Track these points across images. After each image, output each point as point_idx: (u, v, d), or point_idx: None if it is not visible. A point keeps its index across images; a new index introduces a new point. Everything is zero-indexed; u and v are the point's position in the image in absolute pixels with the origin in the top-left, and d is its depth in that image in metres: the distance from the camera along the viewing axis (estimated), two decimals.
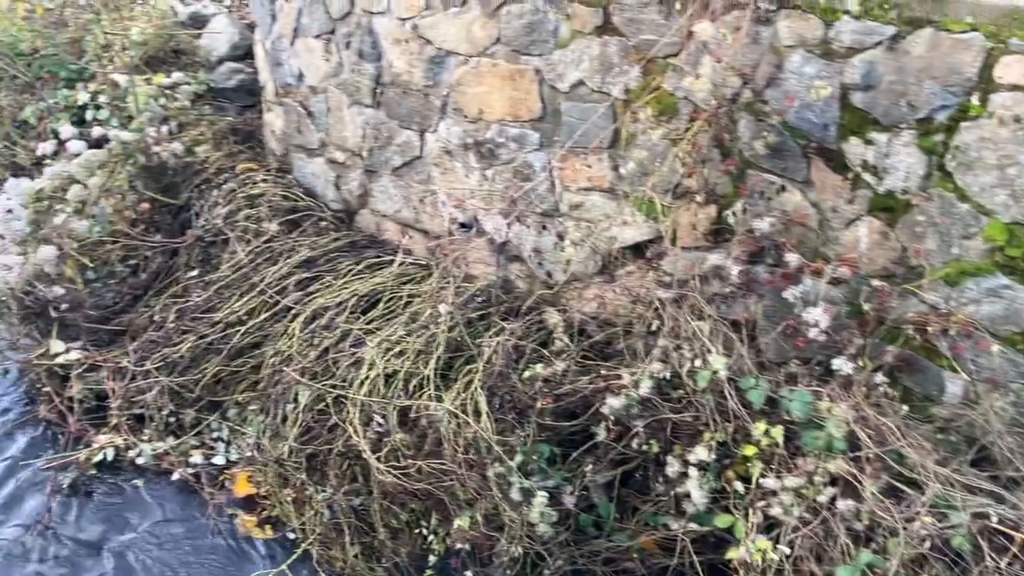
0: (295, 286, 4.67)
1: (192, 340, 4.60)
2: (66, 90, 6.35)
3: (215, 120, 5.97)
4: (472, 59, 4.27)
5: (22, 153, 6.31)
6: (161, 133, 5.53)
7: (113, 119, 5.91)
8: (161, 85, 6.02)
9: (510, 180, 4.32)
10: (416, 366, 3.83)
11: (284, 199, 5.27)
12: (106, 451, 4.39)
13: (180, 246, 5.18)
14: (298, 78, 5.22)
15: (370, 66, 4.72)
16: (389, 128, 4.80)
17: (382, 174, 4.96)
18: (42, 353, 4.79)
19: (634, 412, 3.47)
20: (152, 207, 5.30)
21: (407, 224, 4.95)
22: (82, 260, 5.01)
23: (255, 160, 5.66)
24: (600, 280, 4.13)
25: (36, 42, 6.70)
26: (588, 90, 3.93)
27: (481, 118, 4.35)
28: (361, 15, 4.63)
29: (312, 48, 4.99)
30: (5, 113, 6.61)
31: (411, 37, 4.45)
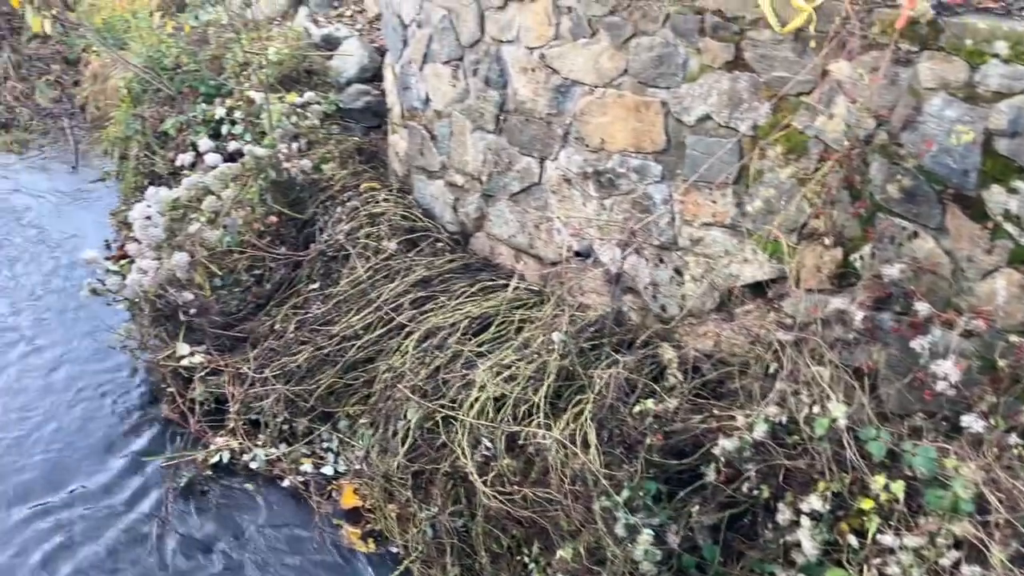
0: (410, 304, 4.77)
1: (309, 351, 4.75)
2: (205, 104, 6.68)
3: (342, 139, 6.17)
4: (598, 89, 4.29)
5: (161, 162, 6.66)
6: (291, 150, 5.75)
7: (247, 134, 6.18)
8: (293, 104, 6.26)
9: (629, 211, 4.30)
10: (526, 392, 3.84)
11: (404, 219, 5.39)
12: (222, 453, 4.56)
13: (303, 259, 5.35)
14: (424, 102, 5.35)
15: (495, 93, 4.80)
16: (510, 154, 4.86)
17: (500, 199, 5.02)
18: (168, 355, 5.02)
19: (746, 455, 3.39)
20: (279, 220, 5.50)
21: (522, 249, 4.99)
22: (211, 268, 5.24)
23: (378, 180, 5.82)
24: (717, 317, 4.06)
25: (180, 58, 7.07)
26: (715, 125, 3.89)
27: (603, 148, 4.36)
28: (490, 43, 4.72)
29: (440, 74, 5.11)
30: (148, 124, 7.00)
31: (538, 66, 4.51)
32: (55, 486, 4.57)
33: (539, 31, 4.43)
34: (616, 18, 4.10)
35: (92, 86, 8.58)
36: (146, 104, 7.17)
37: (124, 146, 7.30)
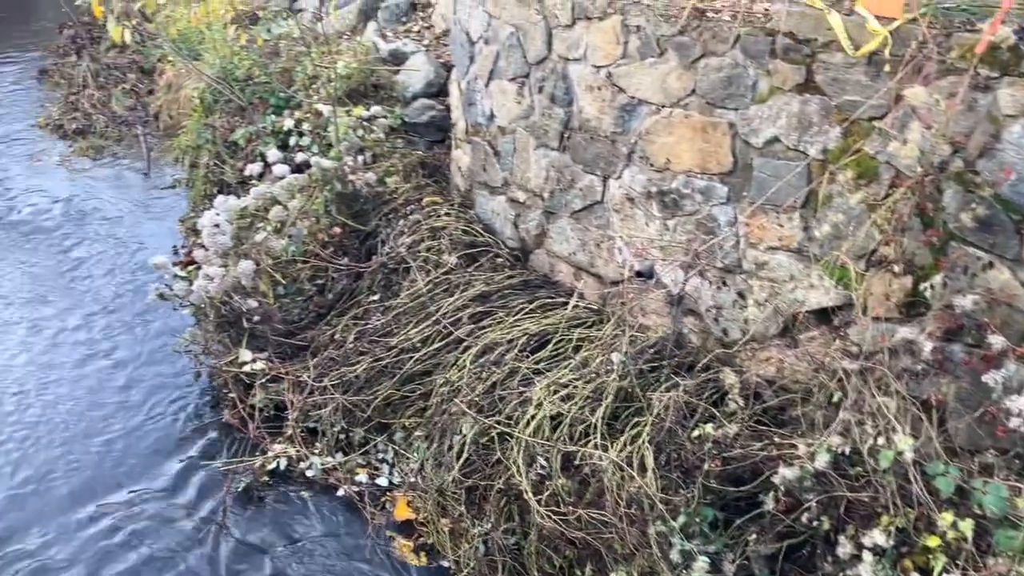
0: (469, 319, 4.79)
1: (368, 362, 4.80)
2: (274, 116, 6.81)
3: (406, 153, 6.24)
4: (664, 109, 4.27)
5: (230, 171, 6.81)
6: (357, 163, 5.84)
7: (314, 146, 6.28)
8: (360, 117, 6.35)
9: (692, 232, 4.27)
10: (583, 412, 3.82)
11: (464, 233, 5.42)
12: (280, 460, 4.62)
13: (365, 270, 5.41)
14: (489, 118, 5.38)
15: (560, 110, 4.81)
16: (573, 172, 4.86)
17: (561, 216, 5.02)
18: (231, 360, 5.11)
19: (807, 485, 3.32)
20: (343, 231, 5.58)
21: (582, 267, 4.97)
22: (275, 276, 5.33)
23: (440, 194, 5.86)
24: (780, 343, 3.99)
25: (252, 70, 7.23)
26: (783, 147, 3.84)
27: (668, 168, 4.33)
28: (557, 61, 4.73)
29: (506, 90, 5.14)
30: (218, 133, 7.16)
31: (604, 84, 4.50)
32: (116, 486, 4.68)
33: (607, 50, 4.43)
34: (685, 38, 4.08)
35: (166, 95, 8.83)
36: (217, 114, 7.33)
37: (195, 154, 7.48)
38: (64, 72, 9.90)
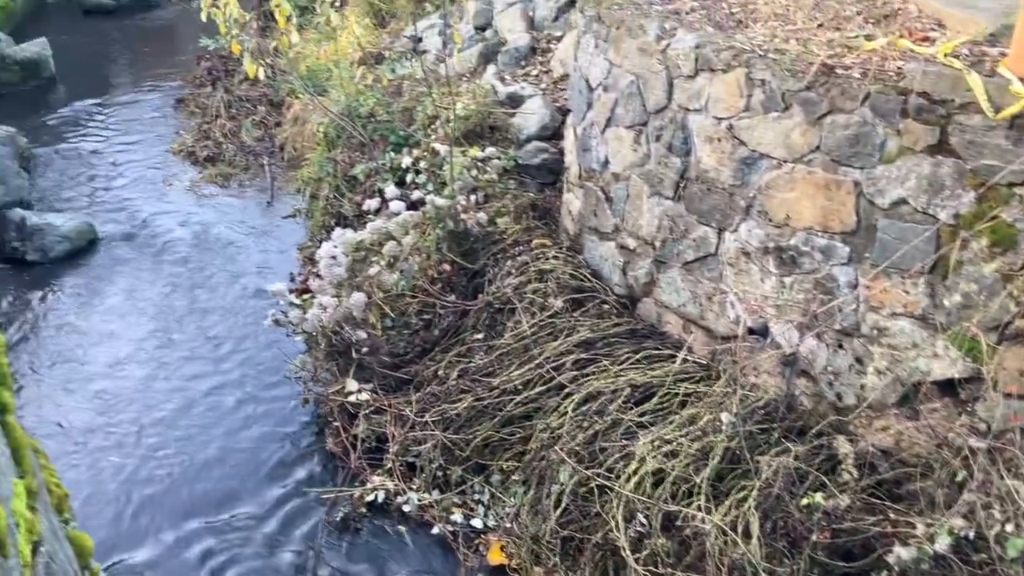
0: (572, 365, 4.75)
1: (469, 400, 4.81)
2: (393, 153, 6.99)
3: (518, 195, 6.28)
4: (786, 164, 4.18)
5: (348, 205, 7.00)
6: (469, 202, 5.91)
7: (429, 184, 6.40)
8: (475, 157, 6.44)
9: (810, 291, 4.14)
10: (687, 471, 3.72)
11: (571, 277, 5.41)
12: (378, 493, 4.66)
13: (471, 308, 5.45)
14: (603, 164, 5.38)
15: (677, 160, 4.76)
16: (687, 222, 4.79)
17: (672, 266, 4.95)
18: (338, 389, 5.21)
19: (924, 568, 3.15)
20: (452, 269, 5.65)
21: (691, 320, 4.88)
22: (385, 309, 5.43)
23: (549, 237, 5.88)
24: (899, 413, 3.81)
25: (375, 108, 7.44)
26: (911, 210, 3.70)
27: (787, 224, 4.22)
28: (677, 111, 4.70)
29: (622, 137, 5.13)
30: (339, 167, 7.39)
31: (725, 136, 4.44)
32: (219, 506, 4.81)
33: (729, 102, 4.37)
34: (811, 94, 4.00)
35: (292, 128, 9.17)
36: (339, 149, 7.57)
37: (316, 186, 7.73)
38: (199, 102, 10.41)
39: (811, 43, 4.36)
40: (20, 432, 1.66)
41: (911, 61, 3.86)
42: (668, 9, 5.12)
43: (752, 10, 4.96)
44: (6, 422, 1.64)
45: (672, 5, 5.20)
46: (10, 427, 1.64)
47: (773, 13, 4.85)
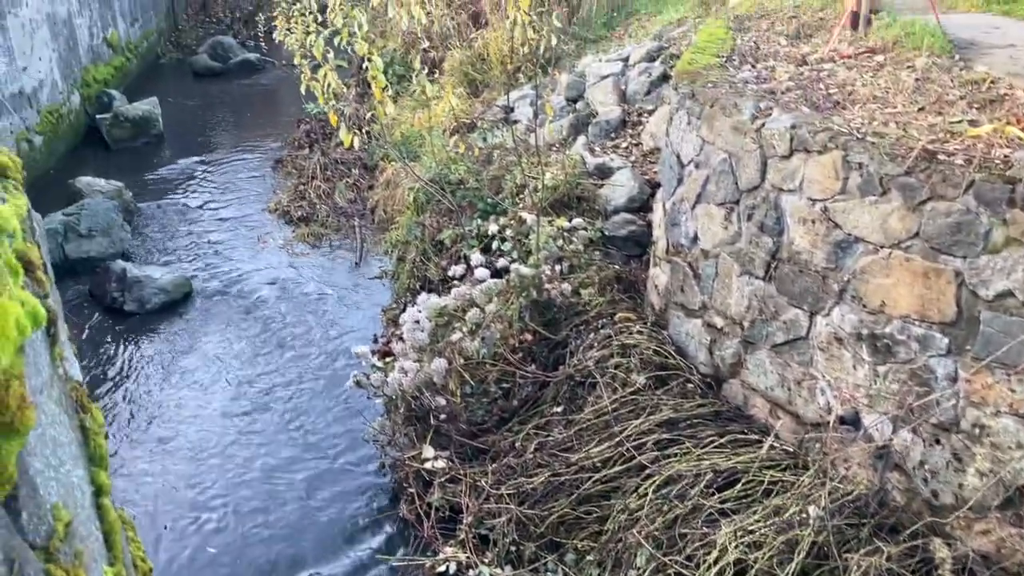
0: (653, 445, 4.65)
1: (546, 475, 4.73)
2: (480, 220, 7.07)
3: (603, 267, 6.26)
4: (883, 249, 4.06)
5: (433, 269, 7.09)
6: (554, 272, 5.92)
7: (514, 252, 6.44)
8: (561, 227, 6.47)
9: (905, 382, 3.97)
10: (771, 564, 3.56)
11: (655, 354, 5.32)
12: (450, 564, 4.59)
13: (551, 380, 5.41)
14: (692, 240, 5.32)
15: (769, 240, 4.68)
16: (777, 303, 4.68)
17: (760, 347, 4.83)
18: (414, 455, 5.20)
19: None
20: (533, 338, 5.63)
21: (778, 404, 4.73)
22: (465, 376, 5.43)
23: (633, 310, 5.82)
24: (1001, 516, 3.59)
25: (464, 175, 7.57)
26: (1017, 303, 3.53)
27: (882, 311, 4.08)
28: (770, 190, 4.63)
29: (713, 214, 5.08)
30: (427, 232, 7.51)
31: (819, 218, 4.35)
32: (294, 567, 4.81)
33: (824, 184, 4.29)
34: (911, 179, 3.89)
35: (383, 191, 9.39)
36: (428, 213, 7.70)
37: (403, 249, 7.86)
38: (296, 163, 10.77)
39: (911, 127, 4.26)
40: (113, 515, 1.68)
41: (1019, 149, 3.73)
42: (763, 89, 5.10)
43: (850, 92, 4.89)
44: (102, 504, 1.67)
45: (767, 85, 5.18)
46: (105, 510, 1.67)
47: (872, 95, 4.77)
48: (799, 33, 6.29)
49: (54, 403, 1.43)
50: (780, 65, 5.54)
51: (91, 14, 13.68)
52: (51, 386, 1.45)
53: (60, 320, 1.67)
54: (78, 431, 1.54)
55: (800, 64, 5.54)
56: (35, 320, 1.31)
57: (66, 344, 1.66)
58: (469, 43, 11.36)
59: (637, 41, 9.69)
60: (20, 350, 1.27)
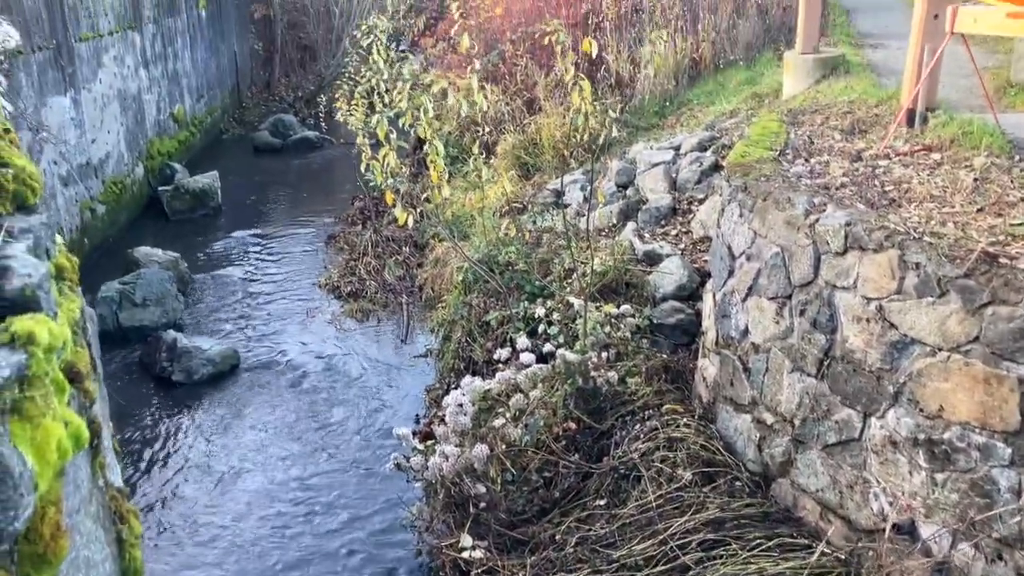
0: (698, 545, 4.49)
1: (587, 571, 4.59)
2: (527, 303, 7.06)
3: (650, 355, 6.18)
4: (940, 352, 3.94)
5: (479, 350, 7.06)
6: (601, 359, 5.84)
7: (561, 336, 6.39)
8: (609, 314, 6.42)
9: (965, 492, 3.80)
10: None
11: (703, 449, 5.19)
12: None
13: (594, 471, 5.29)
14: (742, 333, 5.24)
15: (822, 337, 4.58)
16: (829, 402, 4.56)
17: (811, 447, 4.69)
18: (451, 543, 5.09)
19: None
20: (578, 427, 5.54)
21: (829, 507, 4.56)
22: (506, 463, 5.34)
23: (681, 402, 5.71)
24: None
25: (513, 257, 7.60)
26: None
27: (940, 416, 3.94)
28: (823, 286, 4.55)
29: (764, 308, 5.00)
30: (473, 312, 7.51)
31: (874, 317, 4.25)
32: None
33: (880, 283, 4.21)
34: (970, 282, 3.79)
35: (432, 269, 9.47)
36: (475, 294, 7.72)
37: (449, 328, 7.87)
38: (349, 239, 10.95)
39: (970, 228, 4.18)
40: None
41: None
42: (817, 184, 5.07)
43: (906, 190, 4.84)
44: None
45: (821, 180, 5.15)
46: None
47: (929, 194, 4.71)
48: (854, 128, 6.27)
49: (91, 520, 1.42)
50: (834, 160, 5.52)
51: (160, 90, 14.25)
52: (89, 502, 1.44)
53: (105, 428, 1.67)
54: (114, 544, 1.53)
55: (855, 160, 5.50)
56: (78, 442, 1.32)
57: (108, 450, 1.66)
58: (523, 128, 11.56)
59: (689, 130, 9.76)
60: (60, 473, 1.26)
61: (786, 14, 12.62)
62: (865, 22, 12.84)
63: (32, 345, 1.27)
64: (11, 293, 1.36)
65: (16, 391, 1.22)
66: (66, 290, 1.58)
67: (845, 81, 8.20)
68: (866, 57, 9.77)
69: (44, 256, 1.51)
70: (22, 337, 1.27)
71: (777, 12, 12.80)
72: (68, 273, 1.64)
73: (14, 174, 1.58)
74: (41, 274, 1.39)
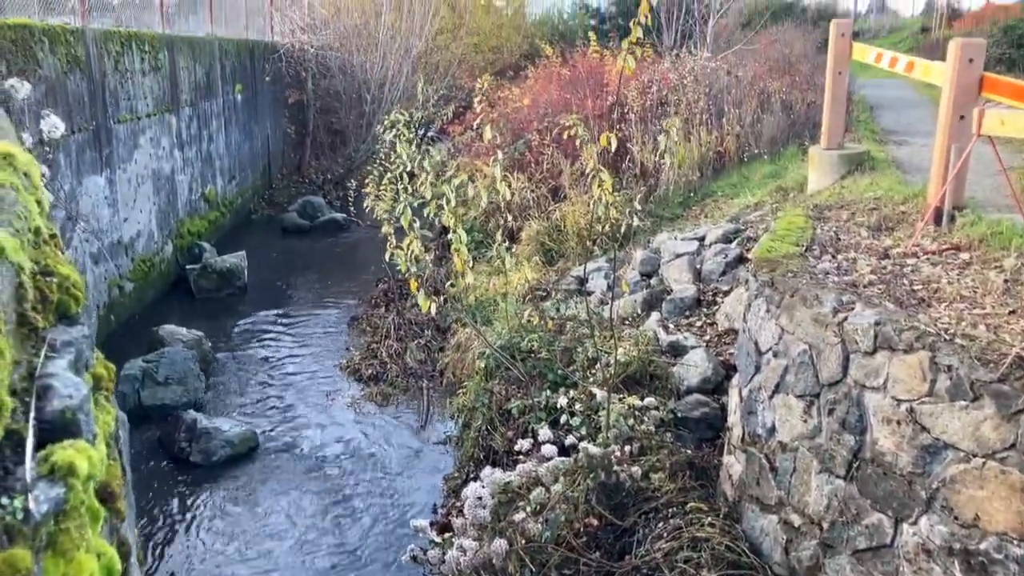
0: None
1: None
2: (549, 392, 6.99)
3: (674, 450, 6.07)
4: (975, 459, 3.83)
5: (499, 439, 6.97)
6: (624, 453, 5.75)
7: (583, 428, 6.31)
8: (632, 406, 6.34)
9: None
10: None
11: (728, 550, 5.04)
12: None
13: (616, 570, 5.14)
14: (769, 431, 5.14)
15: (851, 437, 4.48)
16: (859, 505, 4.43)
17: (840, 552, 4.54)
18: None
19: None
20: (599, 523, 5.41)
21: None
22: (525, 559, 5.20)
23: (705, 500, 5.57)
24: None
25: (536, 345, 7.57)
26: None
27: (976, 525, 3.81)
28: (852, 386, 4.48)
29: (791, 406, 4.92)
30: (494, 400, 7.44)
31: (905, 420, 4.16)
32: None
33: (910, 384, 4.13)
34: (1005, 387, 3.72)
35: (454, 354, 9.43)
36: (497, 380, 7.66)
37: (469, 415, 7.79)
38: (372, 321, 10.97)
39: (1003, 331, 4.12)
40: None
41: None
42: (844, 281, 5.04)
43: (935, 289, 4.79)
44: None
45: (849, 277, 5.12)
46: None
47: (959, 294, 4.66)
48: (880, 225, 6.26)
49: None
50: (861, 257, 5.50)
51: (193, 171, 14.58)
52: None
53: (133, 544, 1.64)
54: None
55: (882, 257, 5.48)
56: (109, 574, 1.28)
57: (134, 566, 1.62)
58: (547, 215, 11.67)
59: (713, 221, 9.81)
60: None
61: (810, 110, 12.80)
62: (888, 119, 13.00)
63: (72, 477, 1.26)
64: (51, 415, 1.34)
65: (52, 524, 1.19)
66: (102, 400, 1.57)
67: (870, 177, 8.24)
68: (890, 154, 9.85)
69: (84, 369, 1.50)
70: (62, 468, 1.25)
71: (802, 108, 12.99)
72: (105, 382, 1.63)
73: (58, 283, 1.59)
74: (82, 395, 1.38)
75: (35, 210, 1.60)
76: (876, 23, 33.25)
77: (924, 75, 6.85)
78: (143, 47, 12.21)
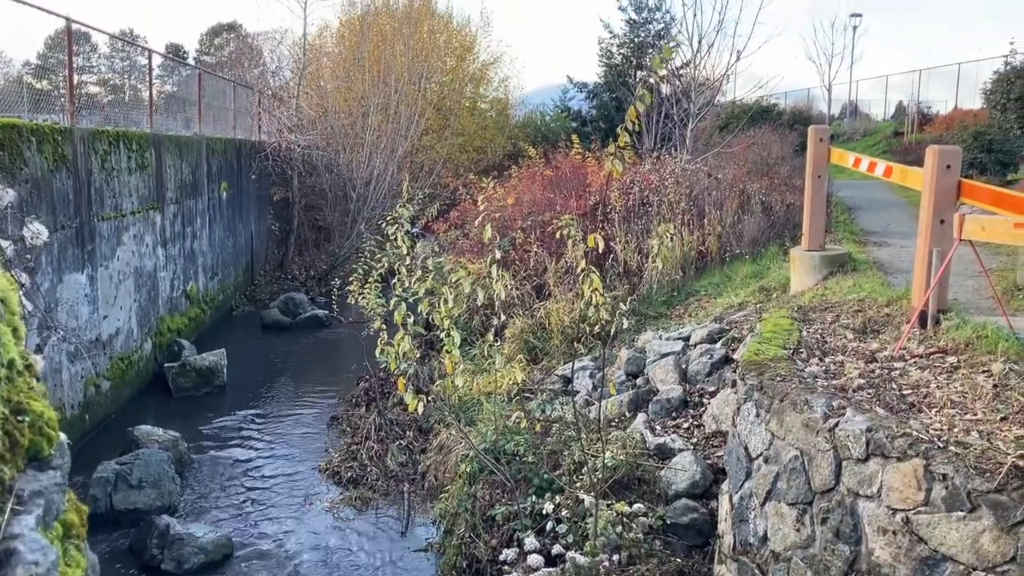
0: None
1: None
2: (535, 497, 6.81)
3: (664, 559, 5.89)
4: (976, 572, 3.72)
5: (483, 547, 6.75)
6: (613, 563, 5.56)
7: (571, 535, 6.12)
8: (620, 512, 6.17)
9: None
10: None
11: None
12: None
13: None
14: (761, 540, 5.00)
15: (846, 548, 4.36)
16: None
17: None
18: None
19: None
20: None
21: None
22: None
23: None
24: None
25: (521, 449, 7.41)
26: None
27: None
28: (846, 494, 4.38)
29: (783, 514, 4.80)
30: (478, 505, 7.24)
31: (901, 530, 4.06)
32: None
33: (905, 493, 4.04)
34: (1003, 497, 3.64)
35: (436, 456, 9.22)
36: (480, 484, 7.46)
37: (451, 521, 7.55)
38: (352, 421, 10.76)
39: (996, 438, 4.06)
40: None
41: None
42: (834, 385, 5.00)
43: (925, 394, 4.75)
44: None
45: (837, 381, 5.08)
46: None
47: (948, 400, 4.62)
48: (865, 328, 6.26)
49: None
50: (849, 361, 5.46)
51: (175, 268, 14.53)
52: None
53: None
54: None
55: (869, 360, 5.45)
56: None
57: None
58: (532, 312, 11.65)
59: (697, 321, 9.80)
60: None
61: (790, 210, 13.02)
62: (867, 219, 13.22)
63: None
64: None
65: None
66: (72, 551, 1.47)
67: (852, 279, 8.30)
68: (871, 254, 9.96)
69: (53, 520, 1.39)
70: None
71: (781, 208, 13.20)
72: (76, 529, 1.52)
73: (31, 422, 1.49)
74: (50, 562, 1.27)
75: (10, 341, 1.52)
76: (850, 127, 34.24)
77: (902, 180, 6.97)
78: (130, 145, 12.31)
